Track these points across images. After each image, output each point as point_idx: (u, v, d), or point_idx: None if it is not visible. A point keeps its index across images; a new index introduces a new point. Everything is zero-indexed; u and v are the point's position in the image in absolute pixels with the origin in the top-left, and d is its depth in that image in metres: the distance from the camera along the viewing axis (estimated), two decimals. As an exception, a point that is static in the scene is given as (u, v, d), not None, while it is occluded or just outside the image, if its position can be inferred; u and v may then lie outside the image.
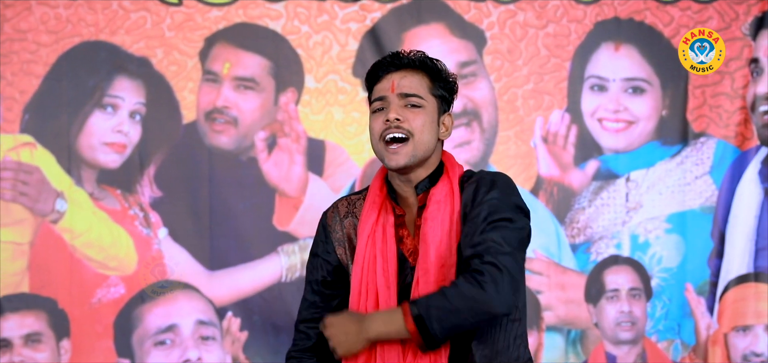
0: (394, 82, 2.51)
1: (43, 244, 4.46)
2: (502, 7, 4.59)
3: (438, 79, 2.56)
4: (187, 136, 4.53)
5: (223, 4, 4.50)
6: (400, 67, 2.54)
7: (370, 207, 2.56)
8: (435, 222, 2.50)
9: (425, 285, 2.46)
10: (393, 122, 2.48)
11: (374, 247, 2.51)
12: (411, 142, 2.49)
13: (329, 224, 2.62)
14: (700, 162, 4.67)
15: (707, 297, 4.68)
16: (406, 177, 2.55)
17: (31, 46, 4.44)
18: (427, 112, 2.52)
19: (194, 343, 4.51)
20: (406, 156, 2.49)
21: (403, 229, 2.55)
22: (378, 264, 2.50)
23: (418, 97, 2.51)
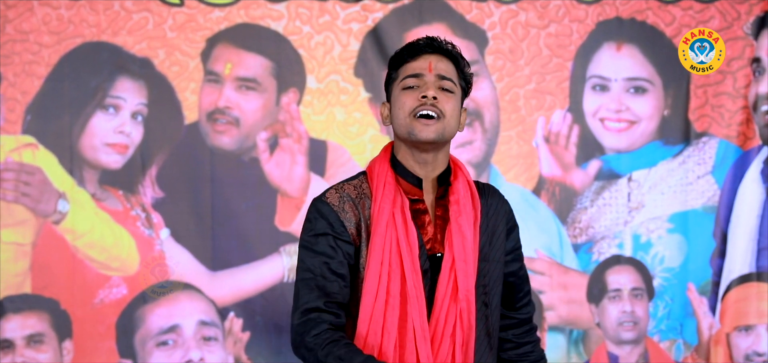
0: (431, 63, 2.54)
1: (45, 244, 4.46)
2: (503, 7, 4.59)
3: (462, 72, 2.60)
4: (189, 137, 4.53)
5: (225, 5, 4.50)
6: (437, 50, 2.57)
7: (386, 189, 2.55)
8: (465, 217, 2.55)
9: (465, 277, 2.52)
10: (430, 100, 2.50)
11: (396, 231, 2.50)
12: (442, 121, 2.52)
13: (336, 205, 2.55)
14: (702, 162, 4.68)
15: (709, 297, 4.69)
16: (426, 156, 2.55)
17: (33, 47, 4.44)
18: (456, 98, 2.56)
19: (196, 344, 4.51)
20: (436, 132, 2.51)
21: (424, 216, 2.56)
22: (403, 248, 2.49)
23: (452, 81, 2.55)
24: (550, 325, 4.64)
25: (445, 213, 2.57)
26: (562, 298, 4.65)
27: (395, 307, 2.48)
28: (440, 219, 2.56)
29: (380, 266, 2.49)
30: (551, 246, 4.62)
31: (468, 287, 2.52)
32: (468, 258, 2.53)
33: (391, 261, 2.49)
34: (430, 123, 2.50)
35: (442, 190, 2.58)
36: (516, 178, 4.61)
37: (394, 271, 2.49)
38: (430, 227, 2.55)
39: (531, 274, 4.54)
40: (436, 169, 2.58)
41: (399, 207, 2.52)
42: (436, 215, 2.56)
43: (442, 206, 2.57)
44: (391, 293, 2.48)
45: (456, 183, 2.58)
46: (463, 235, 2.53)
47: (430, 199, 2.58)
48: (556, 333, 4.66)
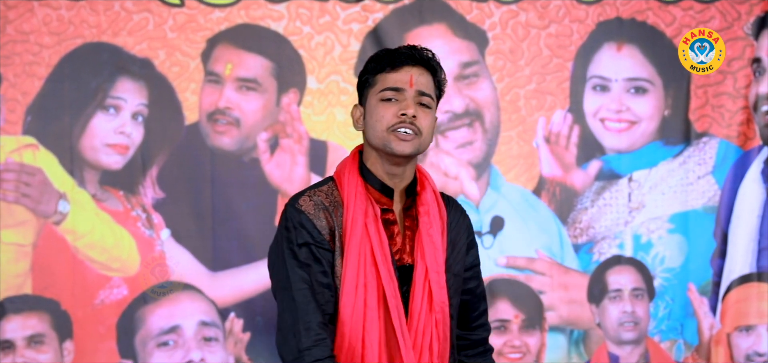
0: (412, 77, 2.51)
1: (46, 245, 4.46)
2: (504, 8, 4.59)
3: (439, 82, 2.58)
4: (189, 137, 4.53)
5: (225, 5, 4.51)
6: (418, 62, 2.54)
7: (357, 199, 2.52)
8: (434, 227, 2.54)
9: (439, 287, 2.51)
10: (409, 118, 2.48)
11: (370, 241, 2.49)
12: (418, 138, 2.50)
13: (312, 213, 2.52)
14: (702, 162, 4.68)
15: (710, 297, 4.69)
16: (395, 170, 2.54)
17: (33, 48, 4.45)
18: (432, 114, 2.55)
19: (197, 344, 4.52)
20: (413, 147, 2.50)
21: (394, 226, 2.55)
22: (378, 258, 2.47)
23: (430, 97, 2.54)
24: (551, 326, 4.64)
25: (413, 223, 2.56)
26: (563, 299, 4.65)
27: (374, 319, 2.46)
28: (408, 229, 2.55)
29: (357, 277, 2.47)
30: (552, 246, 4.63)
31: (442, 298, 2.52)
32: (440, 269, 2.53)
33: (367, 271, 2.47)
34: (408, 139, 2.49)
35: (409, 201, 2.57)
36: (516, 179, 4.61)
37: (370, 281, 2.47)
38: (398, 237, 2.54)
39: (531, 274, 4.60)
40: (405, 180, 2.57)
41: (371, 217, 2.51)
42: (404, 225, 2.56)
43: (409, 217, 2.57)
44: (369, 304, 2.46)
45: (424, 193, 2.58)
46: (435, 246, 2.53)
47: (398, 209, 2.56)
48: (556, 333, 4.65)
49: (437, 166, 4.55)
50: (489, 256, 4.57)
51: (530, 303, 4.63)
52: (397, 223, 2.55)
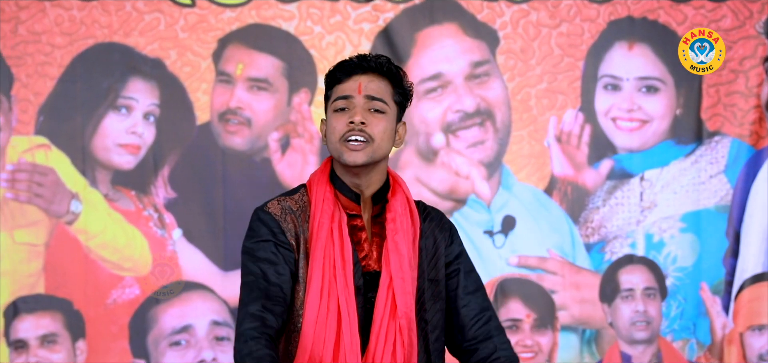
0: (361, 84, 2.50)
1: (59, 245, 4.48)
2: (515, 7, 4.59)
3: (399, 87, 2.56)
4: (200, 137, 4.54)
5: (236, 6, 4.51)
6: (368, 70, 2.53)
7: (324, 205, 2.53)
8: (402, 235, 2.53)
9: (403, 294, 2.50)
10: (357, 125, 2.47)
11: (334, 248, 2.49)
12: (371, 145, 2.49)
13: (278, 215, 2.53)
14: (714, 161, 4.66)
15: (722, 296, 4.67)
16: (357, 179, 2.53)
17: (45, 48, 4.46)
18: (388, 118, 2.52)
19: (209, 344, 4.52)
20: (365, 155, 2.48)
21: (362, 232, 2.55)
22: (337, 266, 2.48)
23: (383, 101, 2.51)
24: (563, 325, 4.64)
25: (381, 230, 2.55)
26: (575, 298, 4.64)
27: (333, 324, 2.46)
28: (377, 236, 2.55)
29: (321, 282, 2.47)
30: (563, 246, 4.62)
31: (407, 304, 2.51)
32: (405, 276, 2.51)
33: (330, 281, 2.47)
34: (359, 147, 2.47)
35: (378, 208, 2.57)
36: (528, 178, 4.61)
37: (333, 287, 2.47)
38: (365, 244, 2.54)
39: (543, 274, 4.61)
40: (371, 187, 2.55)
41: (337, 222, 2.51)
42: (372, 232, 2.56)
43: (378, 224, 2.56)
44: (331, 310, 2.47)
45: (393, 200, 2.57)
46: (400, 253, 2.51)
47: (367, 216, 2.56)
48: (568, 333, 4.65)
49: (449, 166, 4.56)
50: (500, 256, 4.58)
51: (542, 302, 4.62)
52: (365, 230, 2.54)
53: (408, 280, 2.51)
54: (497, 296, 4.59)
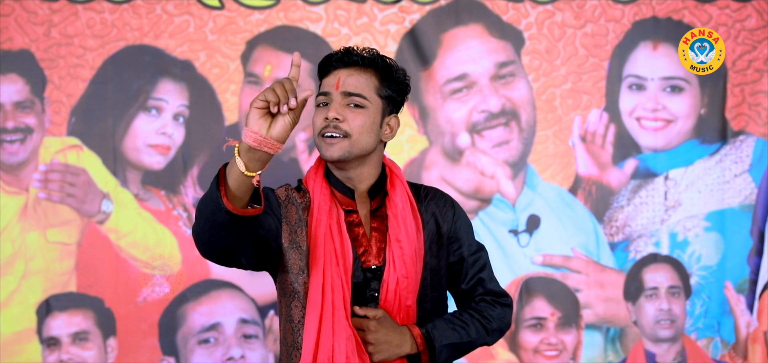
0: (340, 79, 2.52)
1: (90, 244, 4.51)
2: (540, 8, 4.60)
3: (388, 80, 2.55)
4: (229, 138, 4.54)
5: (264, 8, 4.54)
6: (349, 64, 2.54)
7: (322, 201, 2.53)
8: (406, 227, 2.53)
9: (408, 293, 2.52)
10: (331, 121, 2.48)
11: (333, 243, 2.49)
12: (348, 140, 2.48)
13: (282, 198, 2.57)
14: (739, 160, 4.65)
15: (747, 295, 4.65)
16: (346, 173, 2.54)
17: (77, 51, 4.50)
18: (369, 113, 2.51)
19: (237, 342, 4.54)
20: (341, 150, 2.49)
21: (359, 228, 2.54)
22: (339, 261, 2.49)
23: (362, 97, 2.51)
24: (587, 323, 4.64)
25: (381, 224, 2.55)
26: (599, 297, 4.64)
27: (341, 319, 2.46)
28: (377, 231, 2.55)
29: (322, 279, 2.47)
30: (588, 244, 4.63)
31: (408, 303, 2.53)
32: (410, 273, 2.52)
33: (332, 275, 2.48)
34: (334, 142, 2.48)
35: (377, 202, 2.56)
36: (552, 178, 4.61)
37: (336, 283, 2.48)
38: (364, 240, 2.54)
39: (568, 272, 4.62)
40: (364, 181, 2.56)
41: (335, 219, 2.51)
42: (371, 227, 2.55)
43: (378, 218, 2.56)
44: (336, 306, 2.47)
45: (393, 194, 2.56)
46: (403, 251, 2.51)
47: (365, 210, 2.56)
48: (592, 331, 4.65)
49: (474, 166, 4.57)
50: (525, 255, 4.59)
51: (566, 301, 4.63)
52: (363, 226, 2.54)
53: (411, 278, 2.52)
54: (522, 295, 4.60)
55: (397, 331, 2.49)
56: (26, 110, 4.49)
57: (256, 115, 2.22)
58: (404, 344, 2.50)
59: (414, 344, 2.51)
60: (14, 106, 4.48)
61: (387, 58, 2.58)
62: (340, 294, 2.47)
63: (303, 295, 2.51)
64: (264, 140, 2.22)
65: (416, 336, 2.51)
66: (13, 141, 4.48)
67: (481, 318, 2.61)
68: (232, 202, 2.26)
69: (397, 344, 2.49)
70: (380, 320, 2.48)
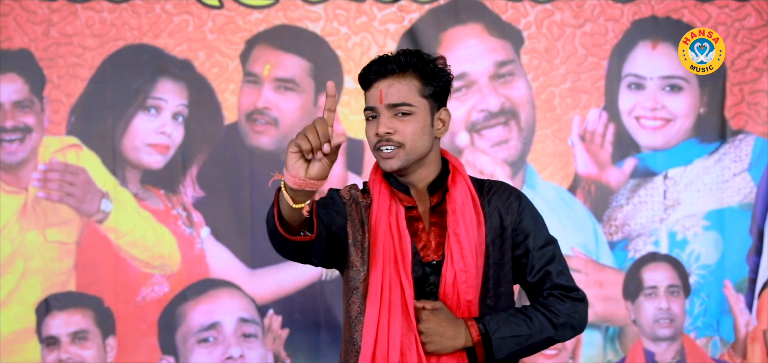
0: (381, 91, 2.49)
1: (89, 243, 4.51)
2: (539, 7, 4.60)
3: (428, 78, 2.52)
4: (228, 137, 4.56)
5: (263, 7, 4.54)
6: (386, 74, 2.51)
7: (381, 199, 2.55)
8: (466, 222, 2.52)
9: (467, 287, 2.51)
10: (383, 136, 2.48)
11: (393, 240, 2.51)
12: (403, 149, 2.49)
13: (346, 198, 2.58)
14: (738, 159, 4.65)
15: (746, 294, 4.65)
16: (406, 178, 2.55)
17: (76, 50, 4.50)
18: (417, 117, 2.50)
19: (236, 341, 4.55)
20: (399, 161, 2.49)
21: (418, 223, 2.55)
22: (397, 257, 2.50)
23: (407, 104, 2.49)
24: None
25: (441, 220, 2.55)
26: (598, 296, 4.64)
27: (397, 316, 2.48)
28: (436, 226, 2.55)
29: (381, 275, 2.49)
30: (587, 244, 4.63)
31: (470, 296, 2.52)
32: (469, 268, 2.51)
33: (391, 272, 2.49)
34: (391, 155, 2.48)
35: (437, 197, 2.56)
36: (552, 177, 4.62)
37: (394, 279, 2.49)
38: (423, 234, 2.54)
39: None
40: (424, 180, 2.57)
41: (394, 215, 2.53)
42: (431, 222, 2.56)
43: (438, 213, 2.56)
44: (393, 302, 2.49)
45: (454, 189, 2.55)
46: (461, 245, 2.51)
47: (425, 206, 2.56)
48: (592, 330, 4.65)
49: (473, 164, 4.57)
50: (525, 254, 4.59)
51: None
52: (422, 221, 2.55)
53: (471, 272, 2.51)
54: (521, 294, 4.60)
55: (453, 323, 2.48)
56: (25, 109, 4.50)
57: (293, 158, 2.20)
58: (458, 336, 2.48)
59: (469, 337, 2.49)
60: (13, 105, 4.48)
61: (424, 54, 2.56)
62: (398, 290, 2.49)
63: (362, 292, 2.53)
64: (303, 182, 2.21)
65: (471, 328, 2.49)
66: (12, 140, 4.49)
67: (547, 312, 2.56)
68: (285, 228, 2.30)
69: (450, 336, 2.48)
70: (435, 311, 2.48)
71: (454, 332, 2.47)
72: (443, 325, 2.47)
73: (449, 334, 2.47)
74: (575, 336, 2.64)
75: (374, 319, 2.49)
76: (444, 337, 2.47)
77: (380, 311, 2.49)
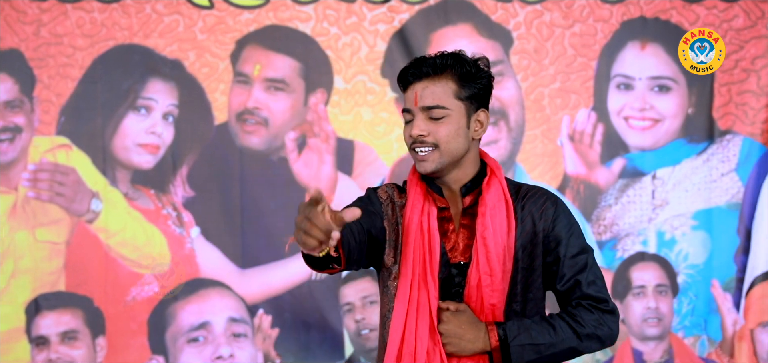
0: (417, 93, 2.50)
1: (79, 243, 4.51)
2: (528, 8, 4.61)
3: (466, 80, 2.51)
4: (218, 137, 4.56)
5: (254, 7, 4.55)
6: (422, 76, 2.51)
7: (415, 198, 2.55)
8: (495, 226, 2.50)
9: (491, 292, 2.50)
10: (417, 138, 2.49)
11: (423, 240, 2.51)
12: (438, 150, 2.49)
13: (383, 198, 2.59)
14: (726, 159, 4.67)
15: (734, 293, 4.66)
16: (441, 180, 2.56)
17: (67, 50, 4.50)
18: (452, 120, 2.50)
19: (226, 340, 4.55)
20: (434, 162, 2.50)
21: (449, 224, 2.55)
22: (426, 257, 2.50)
23: (442, 107, 2.49)
24: None
25: (471, 222, 2.54)
26: (587, 295, 4.66)
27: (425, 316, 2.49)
28: (466, 228, 2.54)
29: (411, 275, 2.50)
30: (576, 243, 4.63)
31: (496, 300, 2.51)
32: (494, 272, 2.50)
33: (420, 272, 2.50)
34: (426, 156, 2.49)
35: (470, 199, 2.55)
36: (541, 177, 4.62)
37: (421, 280, 2.50)
38: (452, 236, 2.54)
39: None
40: (459, 181, 2.56)
41: (426, 215, 2.53)
42: (461, 224, 2.55)
43: (469, 215, 2.55)
44: (421, 303, 2.49)
45: (487, 192, 2.54)
46: (488, 249, 2.50)
47: (457, 207, 2.56)
48: (581, 329, 4.67)
49: (462, 165, 4.57)
50: (514, 253, 4.59)
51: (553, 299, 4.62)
52: (453, 222, 2.55)
53: (497, 276, 2.50)
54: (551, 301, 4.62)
55: (473, 326, 2.48)
56: (15, 109, 4.50)
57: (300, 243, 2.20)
58: (478, 340, 2.48)
59: (488, 341, 2.48)
60: (3, 105, 4.49)
61: (462, 56, 2.55)
62: (424, 290, 2.49)
63: (392, 291, 2.55)
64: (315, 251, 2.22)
65: (491, 332, 2.48)
66: (2, 140, 4.49)
67: (573, 322, 2.54)
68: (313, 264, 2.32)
69: (469, 339, 2.47)
70: (458, 313, 2.48)
71: (473, 335, 2.47)
72: (463, 328, 2.47)
73: (469, 337, 2.47)
74: (603, 348, 2.59)
75: (402, 317, 2.50)
76: (463, 340, 2.47)
77: (408, 310, 2.50)
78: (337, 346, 4.62)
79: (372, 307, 4.58)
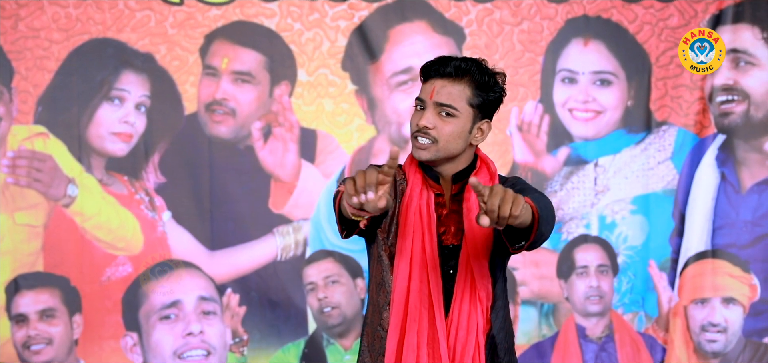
0: (434, 89, 2.56)
1: (56, 226, 4.53)
2: (479, 6, 4.64)
3: (480, 89, 2.56)
4: (188, 127, 4.57)
5: (222, 4, 4.56)
6: (444, 75, 2.56)
7: (414, 183, 2.63)
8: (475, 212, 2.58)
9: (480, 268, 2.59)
10: (423, 129, 2.57)
11: (421, 222, 2.60)
12: (436, 146, 2.57)
13: None
14: (662, 148, 4.72)
15: (669, 272, 4.75)
16: (434, 167, 2.64)
17: (43, 43, 4.50)
18: (459, 122, 2.57)
19: (197, 318, 4.58)
20: (429, 154, 2.58)
21: (443, 209, 2.64)
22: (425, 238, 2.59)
23: (452, 107, 2.55)
24: (523, 299, 4.69)
25: (460, 207, 2.63)
26: (534, 275, 4.71)
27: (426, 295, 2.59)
28: (455, 213, 2.63)
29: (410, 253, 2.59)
30: (524, 226, 4.72)
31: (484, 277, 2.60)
32: (480, 252, 2.58)
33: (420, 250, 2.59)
34: (424, 146, 2.56)
35: (458, 187, 2.64)
36: (491, 164, 4.71)
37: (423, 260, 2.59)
38: (445, 220, 2.63)
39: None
40: (451, 170, 2.64)
41: (424, 200, 2.62)
42: (451, 209, 2.63)
43: (457, 201, 2.64)
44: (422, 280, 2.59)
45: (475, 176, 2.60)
46: (473, 231, 2.58)
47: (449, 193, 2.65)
48: (528, 306, 4.71)
49: (418, 153, 4.67)
50: (466, 236, 4.70)
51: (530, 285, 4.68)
52: (446, 207, 2.64)
53: (483, 256, 2.58)
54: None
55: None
56: (-5, 100, 4.45)
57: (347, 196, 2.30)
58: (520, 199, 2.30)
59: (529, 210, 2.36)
60: (-17, 95, 4.44)
61: (483, 67, 2.57)
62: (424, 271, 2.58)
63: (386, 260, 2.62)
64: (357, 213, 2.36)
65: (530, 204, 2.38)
66: (-18, 129, 4.44)
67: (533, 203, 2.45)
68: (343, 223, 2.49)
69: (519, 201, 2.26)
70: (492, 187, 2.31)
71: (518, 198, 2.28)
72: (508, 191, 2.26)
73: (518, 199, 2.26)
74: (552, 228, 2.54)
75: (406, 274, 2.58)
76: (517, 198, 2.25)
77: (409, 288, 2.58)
78: (300, 323, 4.64)
79: (334, 287, 4.60)
